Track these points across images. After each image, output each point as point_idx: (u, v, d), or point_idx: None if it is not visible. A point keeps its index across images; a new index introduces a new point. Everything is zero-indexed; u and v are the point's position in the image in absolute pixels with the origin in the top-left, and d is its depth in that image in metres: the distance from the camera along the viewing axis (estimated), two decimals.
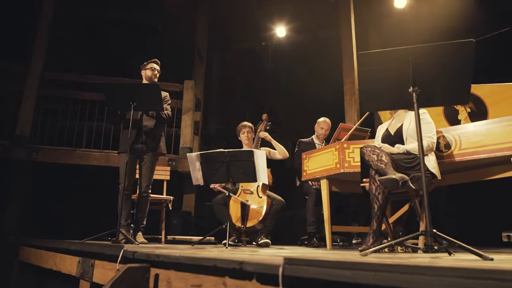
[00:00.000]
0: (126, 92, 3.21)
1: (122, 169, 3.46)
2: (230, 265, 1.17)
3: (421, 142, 1.79)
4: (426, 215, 1.65)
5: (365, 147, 2.56)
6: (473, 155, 2.75)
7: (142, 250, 1.69)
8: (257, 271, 1.10)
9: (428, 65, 1.74)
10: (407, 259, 1.38)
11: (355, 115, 4.95)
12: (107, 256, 1.94)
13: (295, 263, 1.01)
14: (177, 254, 1.44)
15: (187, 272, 1.42)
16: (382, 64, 1.79)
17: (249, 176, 3.05)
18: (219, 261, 1.22)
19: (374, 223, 2.38)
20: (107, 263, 1.99)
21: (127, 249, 1.74)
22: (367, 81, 1.85)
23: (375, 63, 1.80)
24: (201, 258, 1.29)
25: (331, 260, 0.98)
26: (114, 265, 1.93)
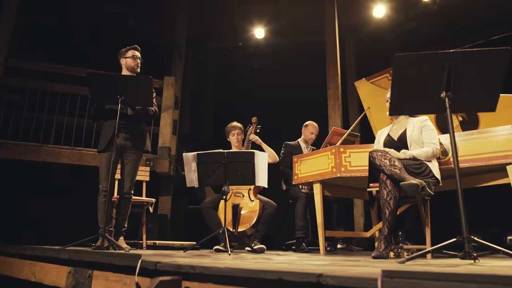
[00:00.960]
0: (114, 84, 2.95)
1: (104, 168, 3.18)
2: (304, 279, 1.05)
3: (455, 147, 1.76)
4: (462, 220, 1.63)
5: (374, 151, 2.53)
6: (470, 162, 2.81)
7: (166, 260, 1.51)
8: (344, 285, 0.98)
9: (463, 71, 1.72)
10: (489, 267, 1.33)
11: (338, 120, 4.98)
12: (116, 266, 1.72)
13: (397, 275, 0.91)
14: (221, 265, 1.28)
15: (229, 286, 1.27)
16: (417, 67, 1.76)
17: (248, 179, 2.93)
18: (286, 274, 1.09)
19: (386, 228, 2.35)
20: (112, 274, 1.77)
21: (146, 259, 1.54)
22: (399, 83, 1.80)
23: (410, 66, 1.75)
24: (260, 271, 1.15)
25: (435, 272, 0.89)
26: (121, 276, 1.72)
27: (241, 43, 7.16)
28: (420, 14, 5.95)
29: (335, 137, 3.89)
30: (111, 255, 1.71)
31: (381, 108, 3.88)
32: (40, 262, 2.37)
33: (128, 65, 3.32)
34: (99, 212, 3.15)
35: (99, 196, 3.16)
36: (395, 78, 1.79)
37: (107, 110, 3.24)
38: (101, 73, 3.04)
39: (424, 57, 1.71)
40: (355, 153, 3.28)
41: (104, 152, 3.18)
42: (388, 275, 0.91)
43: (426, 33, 6.17)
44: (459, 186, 1.70)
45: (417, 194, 2.17)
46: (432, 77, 1.74)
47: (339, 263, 1.71)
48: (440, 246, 1.65)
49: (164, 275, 1.46)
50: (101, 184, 3.15)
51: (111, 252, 1.83)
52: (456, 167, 1.74)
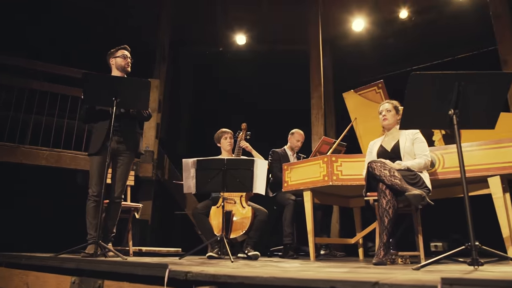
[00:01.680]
0: (110, 85, 2.87)
1: (96, 172, 3.07)
2: (359, 287, 1.09)
3: (462, 160, 1.89)
4: (470, 229, 1.75)
5: (373, 162, 2.65)
6: (455, 174, 3.00)
7: (196, 270, 1.50)
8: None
9: (470, 91, 1.86)
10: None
11: (321, 128, 5.11)
12: (133, 276, 1.68)
13: (456, 283, 0.97)
14: (264, 275, 1.30)
15: None
16: (429, 85, 1.87)
17: (245, 186, 2.95)
18: (339, 283, 1.13)
19: (385, 236, 2.46)
20: (129, 285, 1.72)
21: (173, 268, 1.52)
22: (412, 100, 1.91)
23: (423, 84, 1.87)
24: (310, 280, 1.18)
25: (491, 279, 0.96)
26: (140, 286, 1.68)
27: (222, 48, 7.18)
28: (397, 30, 6.25)
29: (324, 146, 4.00)
30: (131, 265, 1.67)
31: (368, 119, 4.05)
32: (34, 272, 2.24)
33: (119, 65, 3.25)
34: (88, 218, 3.03)
35: (88, 201, 3.04)
36: (408, 95, 1.89)
37: (98, 112, 3.14)
38: (97, 73, 2.94)
39: (437, 77, 1.83)
40: (347, 162, 3.40)
41: (96, 155, 3.07)
42: (447, 282, 0.98)
43: (402, 47, 6.49)
44: (466, 196, 1.83)
45: (419, 204, 2.29)
46: (442, 95, 1.86)
47: (356, 270, 1.77)
48: (452, 253, 1.76)
49: (197, 285, 1.45)
50: (92, 189, 3.04)
51: (132, 262, 1.78)
52: (463, 177, 1.87)
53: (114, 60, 3.27)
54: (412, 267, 1.76)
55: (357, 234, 3.98)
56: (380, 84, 3.84)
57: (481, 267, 1.69)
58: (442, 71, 1.84)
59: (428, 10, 6.05)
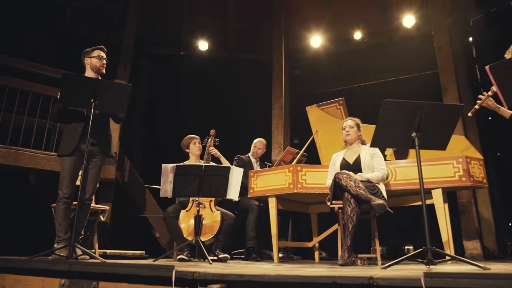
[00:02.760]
0: (90, 87, 2.87)
1: (67, 173, 3.03)
2: (357, 281, 1.32)
3: (421, 175, 2.24)
4: (426, 234, 2.09)
5: (340, 173, 2.95)
6: (405, 186, 3.42)
7: (202, 270, 1.64)
8: (394, 285, 1.28)
9: (430, 118, 2.22)
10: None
11: (281, 138, 5.40)
12: (134, 277, 1.77)
13: (435, 276, 1.24)
14: (272, 273, 1.48)
15: None
16: (398, 111, 2.20)
17: (220, 192, 3.10)
18: (339, 278, 1.35)
19: (349, 240, 2.76)
20: (128, 285, 1.81)
21: (179, 269, 1.65)
22: (383, 122, 2.22)
23: (393, 109, 2.19)
24: (314, 276, 1.39)
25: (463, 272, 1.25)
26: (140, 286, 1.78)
27: (183, 52, 7.21)
28: (351, 49, 6.77)
29: (287, 156, 4.28)
30: (134, 266, 1.76)
31: (328, 132, 4.39)
32: (10, 274, 2.20)
33: (94, 65, 3.22)
34: (57, 220, 2.99)
35: (58, 203, 2.99)
36: (381, 117, 2.20)
37: (70, 112, 3.10)
38: (78, 75, 2.92)
39: (405, 104, 2.16)
40: (310, 172, 3.70)
41: (69, 156, 3.03)
42: (428, 276, 1.25)
43: (354, 65, 7.02)
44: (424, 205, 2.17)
45: (381, 212, 2.62)
46: (407, 120, 2.20)
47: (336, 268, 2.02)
48: (413, 254, 2.09)
49: (203, 284, 1.60)
50: (62, 190, 2.99)
51: (134, 264, 1.86)
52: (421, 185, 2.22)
53: (89, 60, 3.24)
54: (380, 267, 2.05)
55: (314, 239, 4.29)
56: (341, 101, 4.21)
57: (435, 266, 2.03)
58: (409, 100, 2.18)
59: (379, 34, 6.64)
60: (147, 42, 6.80)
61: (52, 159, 4.12)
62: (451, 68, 4.84)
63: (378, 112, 2.20)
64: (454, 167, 3.30)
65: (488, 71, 2.24)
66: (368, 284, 1.31)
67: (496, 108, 2.78)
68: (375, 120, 2.21)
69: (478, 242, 4.31)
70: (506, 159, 5.25)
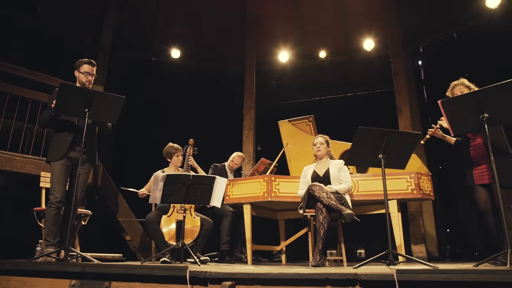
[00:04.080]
0: (86, 98, 3.02)
1: (56, 178, 3.15)
2: (344, 277, 1.69)
3: (385, 189, 2.68)
4: (389, 239, 2.52)
5: (313, 185, 3.34)
6: (366, 197, 3.90)
7: (214, 270, 1.93)
8: (373, 279, 1.66)
9: (394, 142, 2.67)
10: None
11: (251, 148, 5.74)
12: (148, 277, 2.01)
13: (405, 272, 1.64)
14: (275, 271, 1.81)
15: (274, 286, 1.81)
16: (369, 136, 2.63)
17: (204, 199, 3.37)
18: (331, 275, 1.71)
19: (320, 244, 3.15)
20: (141, 284, 2.04)
21: (191, 269, 1.92)
22: (357, 144, 2.64)
23: (365, 135, 2.62)
24: (310, 273, 1.74)
25: (425, 269, 1.66)
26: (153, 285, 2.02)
27: (156, 58, 7.33)
28: (316, 65, 7.30)
29: (261, 166, 4.63)
30: (147, 267, 2.00)
31: (297, 145, 4.80)
32: (15, 276, 2.33)
33: (80, 80, 3.36)
34: (47, 225, 3.10)
35: (49, 208, 3.10)
36: (355, 141, 2.62)
37: (60, 120, 3.23)
38: (74, 86, 3.05)
39: (375, 131, 2.60)
40: (283, 182, 4.07)
41: (58, 161, 3.15)
42: (399, 272, 1.64)
43: (318, 79, 7.56)
44: (387, 213, 2.61)
45: (350, 220, 3.04)
46: (376, 144, 2.63)
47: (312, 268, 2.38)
48: (378, 256, 2.51)
49: (214, 282, 1.88)
50: (54, 195, 3.11)
51: (149, 265, 2.10)
52: (385, 198, 2.66)
53: (78, 74, 3.38)
54: (353, 266, 2.45)
55: (282, 243, 4.67)
56: (310, 118, 4.63)
57: (395, 266, 2.47)
58: (378, 128, 2.61)
59: (342, 53, 7.24)
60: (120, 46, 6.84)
61: (29, 162, 4.13)
62: (405, 92, 5.48)
63: (337, 122, 2.62)
64: (407, 181, 3.83)
65: (440, 105, 2.74)
66: (353, 279, 1.68)
67: (443, 137, 3.32)
68: (335, 130, 2.61)
69: (423, 246, 4.94)
70: (447, 172, 6.00)
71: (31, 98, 4.31)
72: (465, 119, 2.68)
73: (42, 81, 4.40)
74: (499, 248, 2.69)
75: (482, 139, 3.04)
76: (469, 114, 2.63)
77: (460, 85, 3.19)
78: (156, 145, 4.56)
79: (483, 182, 3.00)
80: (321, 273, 1.72)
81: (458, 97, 2.85)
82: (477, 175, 3.03)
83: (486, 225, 3.05)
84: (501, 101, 2.54)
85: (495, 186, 2.62)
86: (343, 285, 1.69)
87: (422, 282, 1.60)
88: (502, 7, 5.58)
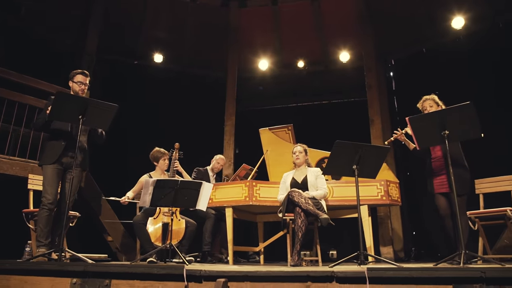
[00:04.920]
0: (80, 105, 3.18)
1: (48, 181, 3.29)
2: (324, 274, 1.97)
3: (358, 197, 2.99)
4: (361, 241, 2.83)
5: (292, 191, 3.62)
6: (339, 202, 4.23)
7: (206, 269, 2.16)
8: (347, 276, 1.95)
9: (365, 155, 2.99)
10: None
11: (231, 153, 5.98)
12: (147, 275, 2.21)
13: (374, 269, 1.94)
14: (263, 269, 2.07)
15: (262, 282, 2.07)
16: (345, 149, 2.94)
17: (191, 203, 3.57)
18: (311, 272, 1.99)
19: (298, 245, 3.44)
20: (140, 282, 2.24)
21: (187, 268, 2.15)
22: (334, 157, 2.95)
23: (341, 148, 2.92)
24: (292, 271, 2.01)
25: (391, 267, 1.96)
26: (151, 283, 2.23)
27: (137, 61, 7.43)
28: (294, 73, 7.63)
29: (242, 171, 4.88)
30: (146, 266, 2.21)
31: (276, 152, 5.07)
32: (15, 276, 2.47)
33: (74, 90, 3.55)
34: (39, 226, 3.22)
35: (42, 210, 3.23)
36: (333, 153, 2.92)
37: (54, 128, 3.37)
38: (69, 94, 3.20)
39: (350, 145, 2.91)
40: (264, 187, 4.34)
41: (51, 166, 3.28)
42: (369, 270, 1.94)
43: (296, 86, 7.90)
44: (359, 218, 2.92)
45: (326, 224, 3.34)
46: (351, 156, 2.95)
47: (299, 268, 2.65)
48: (351, 256, 2.81)
49: (208, 279, 2.12)
50: (46, 197, 3.24)
51: (147, 264, 2.30)
52: (358, 204, 2.97)
53: (72, 83, 3.56)
54: (328, 266, 2.73)
55: (260, 244, 4.93)
56: (289, 127, 4.93)
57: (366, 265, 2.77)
58: (354, 142, 2.92)
59: (319, 63, 7.60)
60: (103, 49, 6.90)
61: (15, 164, 4.19)
62: (377, 104, 5.89)
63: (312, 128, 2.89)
64: (377, 188, 4.18)
65: (407, 121, 3.09)
66: (331, 276, 1.96)
67: (405, 141, 3.68)
68: (310, 135, 2.84)
69: (391, 248, 5.34)
70: (413, 179, 6.45)
71: (18, 100, 4.37)
72: (429, 134, 3.03)
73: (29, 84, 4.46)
74: (456, 250, 3.05)
75: (442, 152, 3.42)
76: (433, 131, 2.98)
77: (431, 100, 3.55)
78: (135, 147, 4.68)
79: (443, 190, 3.38)
80: (303, 271, 2.00)
81: (424, 115, 3.21)
82: (437, 184, 3.40)
83: (446, 229, 3.43)
84: (459, 121, 2.90)
85: (452, 195, 2.98)
86: (322, 281, 1.97)
87: (388, 278, 1.90)
88: (465, 28, 6.09)
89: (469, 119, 2.88)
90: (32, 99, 4.50)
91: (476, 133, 2.92)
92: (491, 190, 4.04)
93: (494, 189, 4.02)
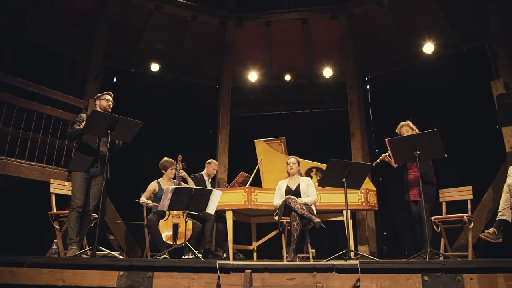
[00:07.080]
0: (110, 122, 3.66)
1: (78, 187, 3.74)
2: (326, 266, 2.59)
3: (347, 203, 3.64)
4: (348, 240, 3.48)
5: (289, 198, 4.24)
6: (327, 207, 4.88)
7: (235, 262, 2.73)
8: (344, 267, 2.58)
9: (352, 170, 3.66)
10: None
11: (226, 160, 6.52)
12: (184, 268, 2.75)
13: (364, 262, 2.58)
14: (280, 263, 2.66)
15: (279, 273, 2.66)
16: (336, 166, 3.59)
17: (202, 207, 4.12)
18: (317, 264, 2.60)
19: (294, 244, 4.05)
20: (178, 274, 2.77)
21: (219, 262, 2.71)
22: (328, 171, 3.59)
23: (334, 165, 3.57)
24: (302, 264, 2.62)
25: (381, 260, 2.61)
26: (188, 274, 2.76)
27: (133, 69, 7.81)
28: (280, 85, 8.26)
29: (240, 178, 5.46)
30: (185, 261, 2.76)
31: (269, 161, 5.67)
32: (69, 269, 2.93)
33: (102, 106, 4.06)
34: (70, 225, 3.69)
35: (72, 211, 3.69)
36: (328, 169, 3.56)
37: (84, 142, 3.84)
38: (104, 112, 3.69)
39: (341, 163, 3.55)
40: (261, 193, 4.93)
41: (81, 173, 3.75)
42: (362, 263, 2.57)
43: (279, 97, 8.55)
44: (345, 218, 3.57)
45: (319, 227, 3.97)
46: (341, 171, 3.60)
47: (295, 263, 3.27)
48: (340, 254, 3.45)
49: (235, 271, 2.68)
50: (75, 202, 3.71)
51: (187, 260, 2.83)
52: (346, 209, 3.62)
53: (99, 102, 4.10)
54: (323, 261, 3.36)
55: (253, 243, 5.52)
56: (282, 139, 5.54)
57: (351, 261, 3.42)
58: (343, 160, 3.57)
59: (304, 77, 8.26)
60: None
61: (35, 169, 4.58)
62: (358, 119, 6.62)
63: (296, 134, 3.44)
64: (358, 195, 4.87)
65: (386, 142, 3.77)
66: (332, 268, 2.57)
67: (389, 161, 4.41)
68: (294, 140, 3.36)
69: (367, 247, 6.07)
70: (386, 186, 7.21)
71: (37, 110, 4.75)
72: (404, 154, 3.73)
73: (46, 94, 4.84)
74: (423, 248, 3.77)
75: (416, 168, 4.15)
76: (407, 151, 3.68)
77: (406, 126, 4.32)
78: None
79: (415, 199, 4.13)
80: (309, 263, 2.61)
81: (400, 138, 3.92)
82: (412, 194, 4.17)
83: (416, 231, 4.17)
84: (427, 144, 3.61)
85: (421, 203, 3.69)
86: (325, 271, 2.58)
87: (374, 269, 2.54)
88: (435, 52, 6.92)
89: (435, 142, 3.58)
90: (49, 109, 4.88)
91: (441, 154, 3.64)
92: (452, 198, 4.79)
93: (454, 198, 4.77)
